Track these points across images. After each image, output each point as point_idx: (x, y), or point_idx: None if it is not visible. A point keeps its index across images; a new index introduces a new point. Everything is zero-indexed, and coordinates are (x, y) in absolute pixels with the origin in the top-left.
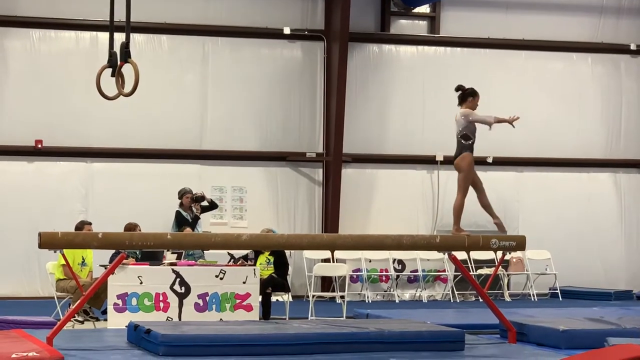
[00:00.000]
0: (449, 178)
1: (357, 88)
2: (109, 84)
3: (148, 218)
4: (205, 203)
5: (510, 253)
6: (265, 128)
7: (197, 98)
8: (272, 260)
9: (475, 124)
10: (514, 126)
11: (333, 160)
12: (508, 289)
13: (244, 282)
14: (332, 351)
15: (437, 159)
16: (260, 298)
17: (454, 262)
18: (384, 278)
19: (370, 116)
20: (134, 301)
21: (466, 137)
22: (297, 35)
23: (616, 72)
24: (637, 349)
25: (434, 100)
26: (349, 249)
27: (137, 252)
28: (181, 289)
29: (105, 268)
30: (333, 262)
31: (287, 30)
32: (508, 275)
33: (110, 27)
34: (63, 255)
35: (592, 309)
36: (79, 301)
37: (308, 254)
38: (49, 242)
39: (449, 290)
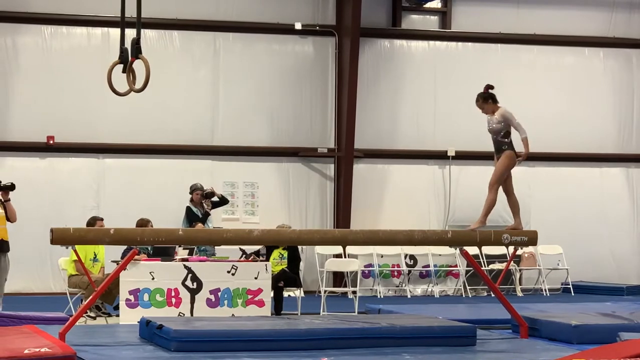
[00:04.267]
0: (461, 173)
1: (368, 83)
2: (121, 80)
3: (160, 214)
4: (215, 199)
5: (522, 248)
6: (276, 123)
7: (208, 94)
8: (285, 255)
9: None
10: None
11: (345, 155)
12: (520, 284)
13: (255, 278)
14: (344, 347)
15: (449, 154)
16: (272, 293)
17: (465, 257)
18: (395, 273)
19: (382, 111)
20: (145, 297)
21: (507, 135)
22: (308, 31)
23: (628, 66)
24: None
25: (446, 95)
26: (360, 244)
27: (149, 248)
28: (193, 285)
29: (117, 264)
30: (345, 257)
31: (298, 26)
32: (520, 270)
33: (122, 23)
34: (75, 251)
35: (605, 304)
36: (91, 297)
37: (320, 249)
38: (61, 238)
39: (460, 286)
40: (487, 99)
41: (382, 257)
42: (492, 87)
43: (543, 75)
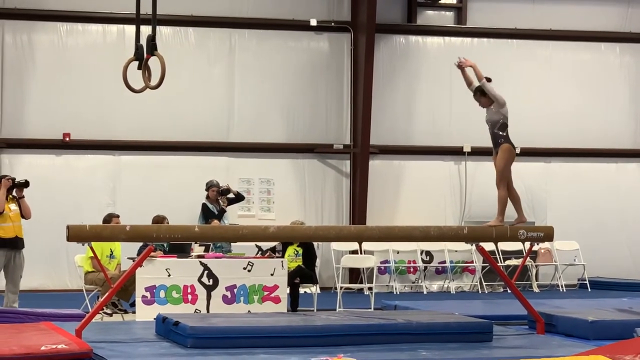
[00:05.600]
0: (477, 169)
1: (384, 79)
2: (136, 77)
3: (176, 211)
4: (231, 195)
5: (538, 244)
6: (292, 120)
7: (224, 90)
8: (300, 252)
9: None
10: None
11: (360, 151)
12: (536, 280)
13: (271, 274)
14: (360, 343)
15: (465, 150)
16: (288, 289)
17: (481, 253)
18: (411, 269)
19: (397, 107)
20: (162, 293)
21: (503, 127)
22: (323, 27)
23: None
24: None
25: (461, 91)
26: (376, 240)
27: (165, 245)
28: (209, 281)
29: (133, 260)
30: (361, 253)
31: (313, 22)
32: (536, 266)
33: (137, 20)
34: (91, 248)
35: (621, 300)
36: (107, 294)
37: (336, 245)
38: (77, 235)
39: (476, 282)
40: (484, 92)
41: (398, 253)
42: (489, 80)
43: (559, 71)
